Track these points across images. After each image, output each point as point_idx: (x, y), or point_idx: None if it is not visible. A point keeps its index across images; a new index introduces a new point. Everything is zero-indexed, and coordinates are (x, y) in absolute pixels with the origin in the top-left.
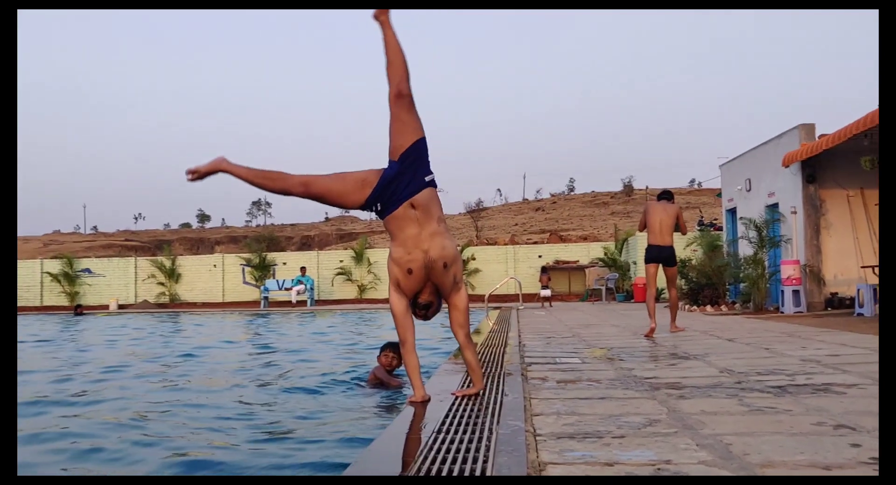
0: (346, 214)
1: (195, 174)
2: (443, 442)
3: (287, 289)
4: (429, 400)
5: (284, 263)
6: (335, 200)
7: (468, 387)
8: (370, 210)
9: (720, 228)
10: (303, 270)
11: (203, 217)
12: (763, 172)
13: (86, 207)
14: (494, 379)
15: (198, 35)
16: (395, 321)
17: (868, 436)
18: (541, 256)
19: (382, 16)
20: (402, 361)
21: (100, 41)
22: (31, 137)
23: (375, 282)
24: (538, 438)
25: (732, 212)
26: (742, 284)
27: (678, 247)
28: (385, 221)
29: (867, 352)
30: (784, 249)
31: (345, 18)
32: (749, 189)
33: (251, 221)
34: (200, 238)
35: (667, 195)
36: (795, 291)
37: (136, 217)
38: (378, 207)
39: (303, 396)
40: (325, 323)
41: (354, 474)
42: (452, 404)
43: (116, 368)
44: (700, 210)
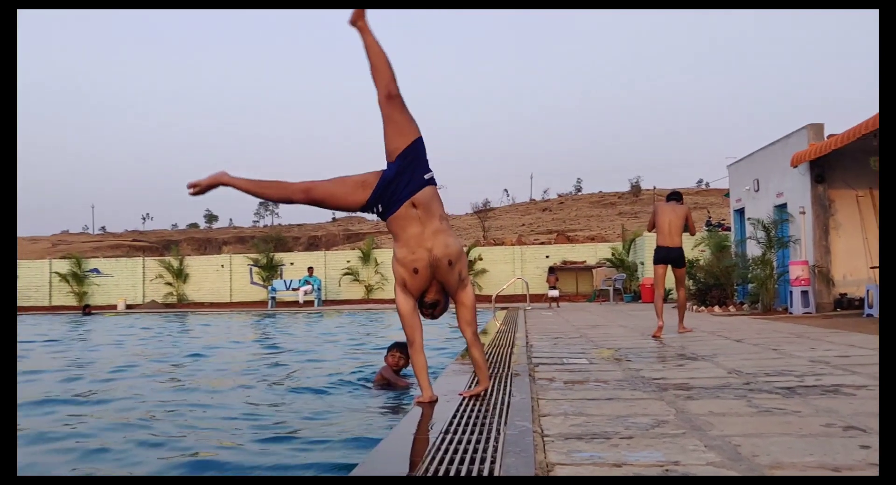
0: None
1: (196, 188)
2: (450, 443)
3: (294, 289)
4: (436, 400)
5: (292, 264)
6: (336, 204)
7: (474, 386)
8: (371, 212)
9: (728, 229)
10: (310, 270)
11: (210, 217)
12: (771, 172)
13: (94, 208)
14: (502, 380)
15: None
16: (403, 321)
17: (878, 438)
18: (548, 257)
19: (360, 21)
20: (410, 361)
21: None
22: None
23: (382, 282)
24: (546, 438)
25: (740, 212)
26: (750, 285)
27: (686, 247)
28: (387, 222)
29: (877, 353)
30: (792, 249)
31: (345, 18)
32: (757, 189)
33: (258, 222)
34: (208, 238)
35: (676, 196)
36: (804, 292)
37: (144, 217)
38: (379, 209)
39: (310, 396)
40: (333, 323)
41: (362, 474)
42: (460, 404)
43: (124, 368)
44: (708, 210)
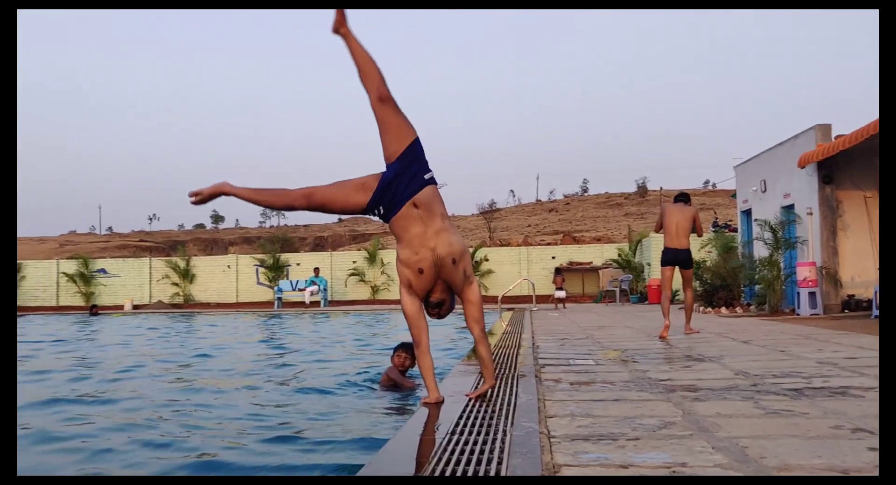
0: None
1: (198, 197)
2: (457, 444)
3: (300, 290)
4: (443, 401)
5: (298, 264)
6: (338, 208)
7: (480, 386)
8: (373, 214)
9: (735, 230)
10: (316, 270)
11: (217, 218)
12: (778, 173)
13: (101, 208)
14: (508, 381)
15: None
16: (409, 322)
17: (878, 438)
18: (554, 258)
19: (342, 27)
20: (416, 362)
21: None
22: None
23: (388, 283)
24: (552, 440)
25: (747, 213)
26: (757, 286)
27: (693, 249)
28: (390, 224)
29: None
30: (800, 250)
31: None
32: (764, 190)
33: (265, 222)
34: (214, 239)
35: (683, 198)
36: (811, 293)
37: (151, 218)
38: (381, 210)
39: (316, 397)
40: (339, 324)
41: (369, 474)
42: (466, 405)
43: (131, 368)
44: (714, 211)
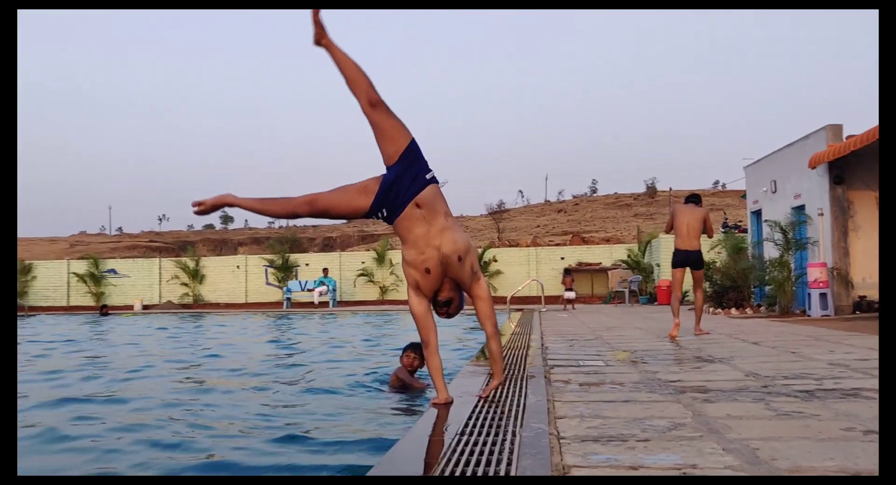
0: None
1: (201, 207)
2: (466, 444)
3: (309, 290)
4: (451, 402)
5: (307, 265)
6: (341, 212)
7: (489, 383)
8: (376, 217)
9: (745, 230)
10: (325, 271)
11: (226, 218)
12: (789, 173)
13: (111, 209)
14: (517, 381)
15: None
16: (417, 323)
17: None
18: (563, 258)
19: (323, 39)
20: (425, 362)
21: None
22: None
23: (397, 283)
24: (562, 441)
25: (757, 214)
26: (767, 287)
27: (703, 249)
28: (394, 226)
29: None
30: (811, 251)
31: (345, 18)
32: (774, 191)
33: (274, 223)
34: (224, 239)
35: (694, 199)
36: (822, 294)
37: (161, 218)
38: (384, 213)
39: (325, 397)
40: (348, 324)
41: (378, 474)
42: (475, 406)
43: (141, 368)
44: (724, 212)
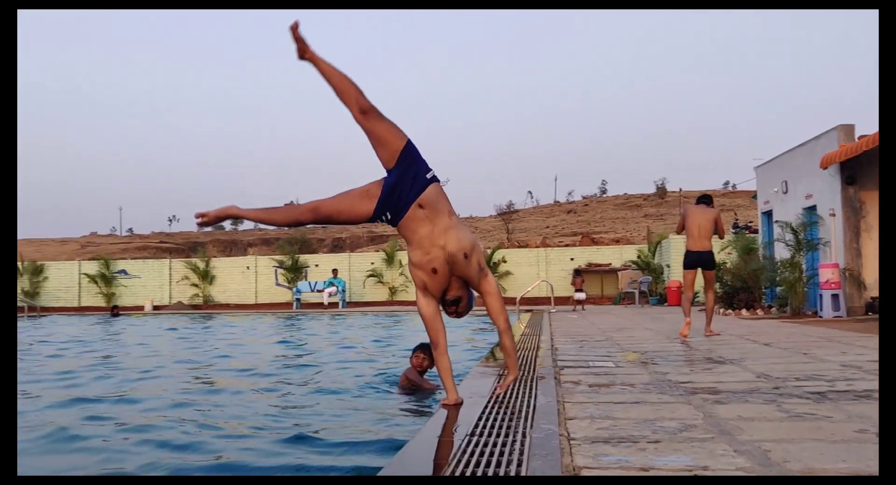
0: None
1: (204, 218)
2: (476, 445)
3: (319, 291)
4: (461, 403)
5: (316, 265)
6: (345, 218)
7: (504, 378)
8: (381, 220)
9: (755, 231)
10: (334, 272)
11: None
12: (800, 173)
13: (121, 210)
14: (527, 382)
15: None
16: (426, 325)
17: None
18: (572, 259)
19: (306, 53)
20: (435, 363)
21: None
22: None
23: (407, 283)
24: (572, 442)
25: (768, 214)
26: (778, 288)
27: (713, 250)
28: (398, 228)
29: None
30: (822, 252)
31: (345, 19)
32: (786, 191)
33: None
34: (233, 240)
35: (706, 199)
36: (834, 295)
37: (171, 219)
38: (388, 216)
39: (334, 398)
40: (357, 325)
41: (388, 475)
42: (485, 407)
43: (151, 368)
44: (735, 212)
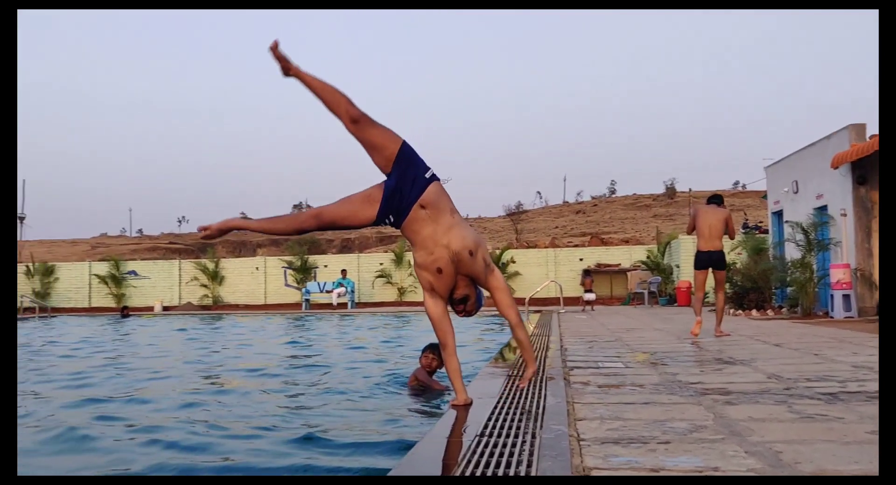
0: None
1: (208, 232)
2: (485, 446)
3: (328, 291)
4: (471, 403)
5: (325, 266)
6: (348, 223)
7: (524, 373)
8: (384, 224)
9: (765, 231)
10: (343, 272)
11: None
12: (811, 173)
13: (131, 211)
14: (536, 383)
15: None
16: (434, 326)
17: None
18: (582, 260)
19: (290, 70)
20: (444, 364)
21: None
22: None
23: (416, 284)
24: (582, 443)
25: (778, 214)
26: (789, 289)
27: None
28: (402, 230)
29: None
30: (833, 252)
31: (345, 19)
32: (796, 191)
33: None
34: (243, 241)
35: (717, 199)
36: (846, 296)
37: (180, 220)
38: (391, 219)
39: (343, 398)
40: (366, 325)
41: (398, 475)
42: (494, 407)
43: (161, 369)
44: (745, 213)
